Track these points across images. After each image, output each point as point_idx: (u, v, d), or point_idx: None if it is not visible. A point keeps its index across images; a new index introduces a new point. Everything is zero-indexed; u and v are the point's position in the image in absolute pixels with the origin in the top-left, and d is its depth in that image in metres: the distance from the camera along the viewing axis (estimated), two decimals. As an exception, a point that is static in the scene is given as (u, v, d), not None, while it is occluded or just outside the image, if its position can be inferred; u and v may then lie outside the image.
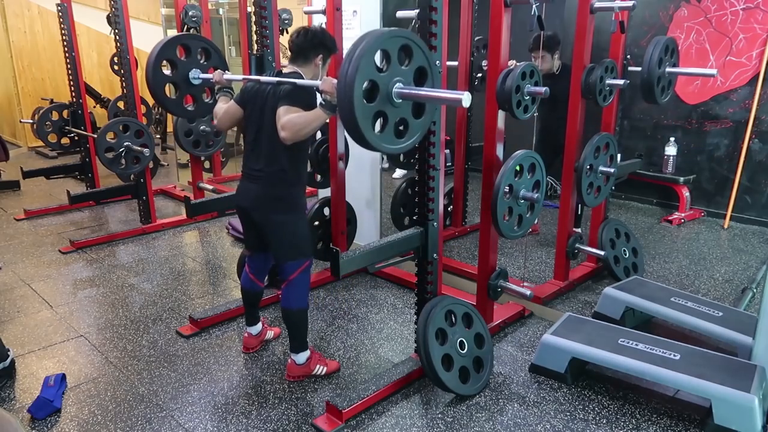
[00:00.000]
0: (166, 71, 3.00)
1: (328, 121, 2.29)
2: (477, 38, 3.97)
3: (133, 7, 4.70)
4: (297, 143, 2.25)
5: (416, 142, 2.04)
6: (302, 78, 2.35)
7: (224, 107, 2.55)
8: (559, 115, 3.29)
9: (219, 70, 2.74)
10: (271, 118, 2.30)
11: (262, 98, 2.39)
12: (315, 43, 2.40)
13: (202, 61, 3.04)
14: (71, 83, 4.97)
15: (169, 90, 3.06)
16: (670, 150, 4.67)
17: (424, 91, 1.87)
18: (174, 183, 5.91)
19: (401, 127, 1.95)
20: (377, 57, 1.81)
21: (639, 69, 3.20)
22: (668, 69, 3.24)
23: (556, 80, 3.64)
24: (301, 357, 2.53)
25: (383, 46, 1.80)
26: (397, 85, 1.84)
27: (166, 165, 6.66)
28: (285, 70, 2.44)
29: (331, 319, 3.13)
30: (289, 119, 2.18)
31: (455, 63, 3.86)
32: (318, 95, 2.28)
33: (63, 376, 2.51)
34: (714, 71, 3.32)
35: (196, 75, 2.95)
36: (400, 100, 1.86)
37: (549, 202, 4.21)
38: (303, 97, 2.25)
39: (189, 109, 3.16)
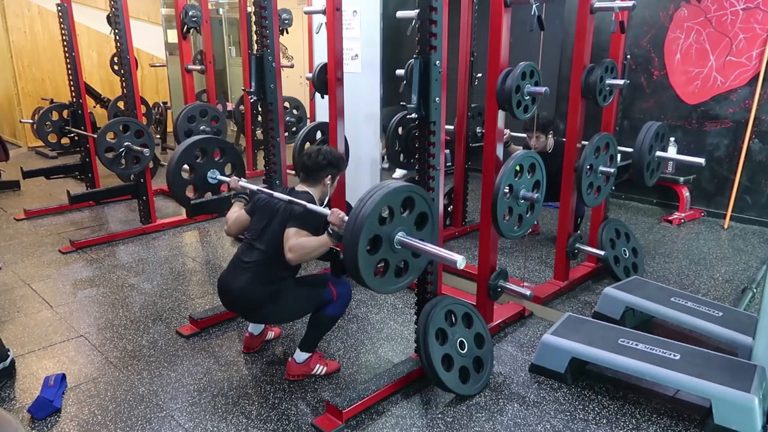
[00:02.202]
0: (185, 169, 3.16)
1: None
2: (473, 105, 4.03)
3: (133, 7, 4.71)
4: None
5: (414, 279, 2.22)
6: (313, 199, 2.44)
7: (236, 215, 2.62)
8: (554, 190, 3.30)
9: (235, 177, 2.87)
10: (277, 230, 2.37)
11: (272, 210, 2.47)
12: (323, 165, 2.50)
13: (217, 159, 3.17)
14: (71, 83, 4.96)
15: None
16: (671, 150, 4.66)
17: (423, 246, 2.02)
18: (174, 183, 5.90)
19: (401, 266, 2.11)
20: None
21: (631, 150, 3.35)
22: (658, 153, 3.40)
23: (550, 158, 3.66)
24: (303, 356, 2.53)
25: (388, 203, 1.94)
26: (400, 233, 2.00)
27: (166, 165, 6.65)
28: (297, 189, 2.52)
29: (331, 319, 3.13)
30: (298, 243, 2.26)
31: (451, 127, 3.95)
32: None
33: (63, 376, 2.51)
34: (701, 160, 3.43)
35: (213, 176, 3.12)
36: (401, 247, 2.02)
37: (549, 202, 4.21)
38: (312, 221, 2.32)
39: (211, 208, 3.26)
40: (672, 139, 4.66)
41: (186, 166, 3.14)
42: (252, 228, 2.53)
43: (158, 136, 6.92)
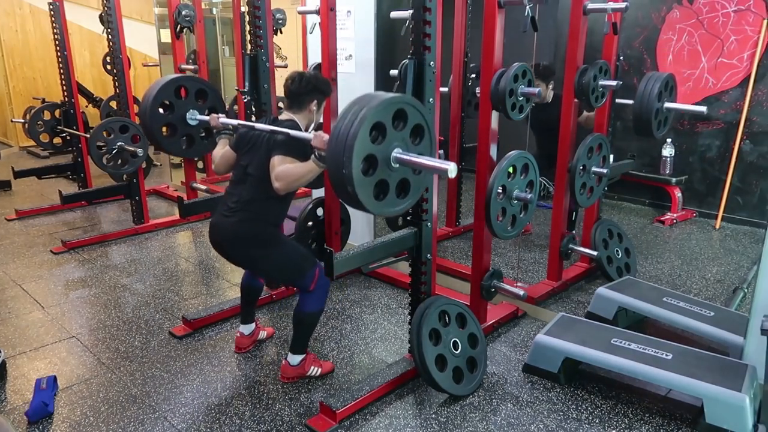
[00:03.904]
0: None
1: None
2: (471, 65, 4.00)
3: (125, 6, 4.68)
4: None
5: (418, 197, 2.05)
6: (298, 125, 2.38)
7: (221, 152, 2.57)
8: (552, 141, 3.30)
9: (215, 114, 2.76)
10: (262, 162, 2.32)
11: (256, 144, 2.41)
12: (309, 89, 2.43)
13: (199, 103, 3.04)
14: (63, 82, 4.94)
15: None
16: (667, 151, 4.68)
17: (416, 158, 1.84)
18: (167, 183, 5.89)
19: (402, 187, 1.95)
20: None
21: (631, 102, 3.16)
22: (667, 104, 3.17)
23: (549, 109, 3.65)
24: (296, 358, 2.53)
25: (377, 119, 1.75)
26: (396, 150, 1.82)
27: (159, 165, 6.63)
28: (281, 117, 2.47)
29: (325, 319, 3.13)
30: (284, 170, 2.21)
31: (445, 89, 3.91)
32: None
33: (54, 378, 2.49)
34: (703, 109, 3.26)
35: (193, 116, 2.96)
36: (398, 165, 1.86)
37: (542, 202, 4.22)
38: (297, 148, 2.27)
39: (185, 149, 3.14)
40: (668, 140, 4.68)
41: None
42: (238, 164, 2.46)
43: (151, 135, 6.89)
